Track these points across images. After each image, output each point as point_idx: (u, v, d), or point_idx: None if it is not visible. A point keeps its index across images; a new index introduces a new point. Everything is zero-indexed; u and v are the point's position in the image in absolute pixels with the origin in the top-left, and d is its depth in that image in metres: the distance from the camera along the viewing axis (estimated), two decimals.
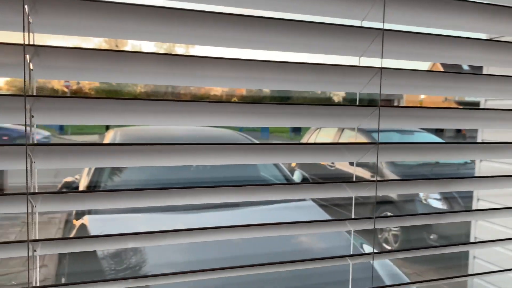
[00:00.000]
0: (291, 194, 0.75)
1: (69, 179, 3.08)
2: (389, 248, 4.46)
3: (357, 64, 0.73)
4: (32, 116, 0.60)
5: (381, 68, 0.73)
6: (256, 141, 3.42)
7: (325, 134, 6.30)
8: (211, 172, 2.91)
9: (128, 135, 3.19)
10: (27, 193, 0.57)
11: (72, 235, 2.25)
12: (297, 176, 3.91)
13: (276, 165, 3.26)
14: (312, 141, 6.34)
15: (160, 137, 3.19)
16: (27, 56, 0.57)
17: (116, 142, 3.04)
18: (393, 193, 0.79)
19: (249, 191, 0.73)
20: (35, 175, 0.63)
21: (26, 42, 0.57)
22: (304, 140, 6.63)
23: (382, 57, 0.72)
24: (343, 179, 5.23)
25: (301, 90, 0.75)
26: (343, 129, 5.82)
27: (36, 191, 0.61)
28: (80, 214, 2.34)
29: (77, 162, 0.64)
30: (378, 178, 0.75)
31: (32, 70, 0.59)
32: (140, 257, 1.86)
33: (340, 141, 5.69)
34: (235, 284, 1.60)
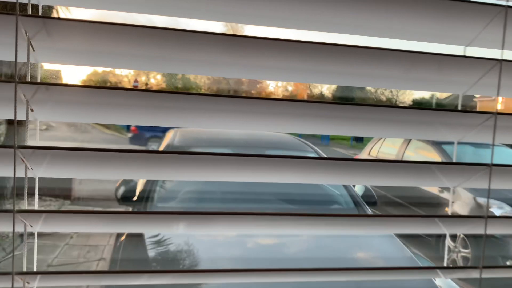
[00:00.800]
0: (366, 228, 0.57)
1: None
2: None
3: (463, 55, 0.53)
4: (32, 110, 0.46)
5: (501, 61, 0.52)
6: (316, 149, 3.21)
7: (390, 144, 5.83)
8: (272, 185, 2.74)
9: (187, 137, 3.10)
10: (13, 210, 0.43)
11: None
12: (358, 189, 3.63)
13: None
14: (376, 152, 5.92)
15: (217, 141, 3.06)
16: (22, 30, 0.43)
17: (175, 142, 2.95)
18: (504, 231, 0.57)
19: (319, 223, 0.56)
20: (35, 184, 0.49)
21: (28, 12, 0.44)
22: (366, 151, 6.19)
23: (503, 46, 0.52)
24: (429, 206, 4.37)
25: (381, 87, 0.56)
26: (409, 139, 5.34)
27: (36, 205, 0.48)
28: None
29: (86, 171, 0.50)
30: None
31: (34, 51, 0.46)
32: (192, 258, 1.79)
33: (407, 153, 5.19)
34: None
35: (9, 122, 3.83)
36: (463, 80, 0.54)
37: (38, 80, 0.48)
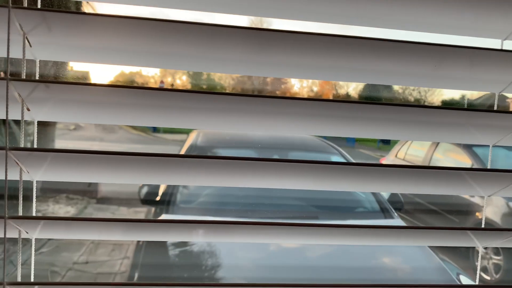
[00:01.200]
0: (392, 240, 0.52)
1: None
2: (488, 278, 3.86)
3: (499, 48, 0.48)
4: (28, 109, 0.44)
5: None
6: (341, 151, 3.13)
7: (418, 146, 5.65)
8: (299, 189, 2.67)
9: (209, 137, 3.07)
10: (5, 216, 0.41)
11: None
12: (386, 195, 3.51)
13: None
14: (403, 154, 5.75)
15: (239, 141, 3.03)
16: (16, 24, 0.40)
17: (198, 143, 2.93)
18: None
19: (342, 234, 0.51)
20: (33, 189, 0.47)
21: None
22: (393, 153, 6.01)
23: None
24: (463, 213, 4.04)
25: (406, 85, 0.51)
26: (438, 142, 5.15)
27: (34, 210, 0.45)
28: None
29: (90, 175, 0.47)
30: None
31: (31, 46, 0.43)
32: (214, 261, 1.76)
33: (435, 155, 4.99)
34: None
35: (17, 123, 3.88)
36: (499, 78, 0.49)
37: (37, 78, 0.46)
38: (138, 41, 0.47)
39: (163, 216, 2.17)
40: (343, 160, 2.69)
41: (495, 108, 0.50)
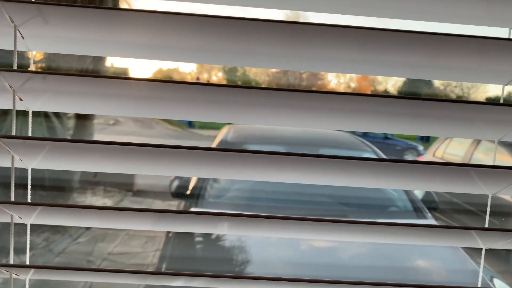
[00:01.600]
0: (387, 237, 0.50)
1: None
2: None
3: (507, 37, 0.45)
4: (21, 99, 0.45)
5: None
6: (374, 148, 3.06)
7: (457, 145, 5.42)
8: (330, 187, 2.64)
9: (240, 133, 3.08)
10: None
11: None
12: (418, 192, 3.41)
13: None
14: (441, 153, 5.54)
15: (270, 137, 3.02)
16: (6, 16, 0.42)
17: (228, 139, 2.95)
18: None
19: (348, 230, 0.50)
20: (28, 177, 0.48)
21: None
22: (431, 152, 5.79)
23: None
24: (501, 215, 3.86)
25: (412, 77, 0.49)
26: (479, 139, 4.92)
27: (29, 197, 0.47)
28: None
29: (82, 163, 0.48)
30: None
31: (23, 38, 0.45)
32: (244, 257, 1.78)
33: (476, 154, 4.77)
34: None
35: (58, 117, 4.03)
36: (505, 68, 0.46)
37: (31, 69, 0.47)
38: (155, 35, 0.47)
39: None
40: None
41: (501, 101, 0.47)
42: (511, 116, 0.46)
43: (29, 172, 0.48)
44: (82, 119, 4.43)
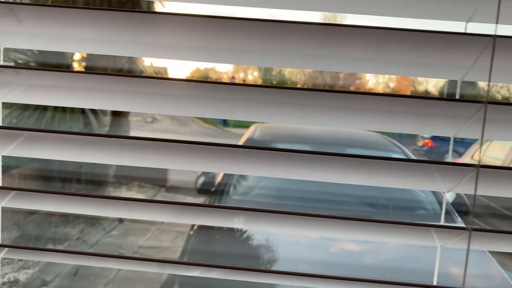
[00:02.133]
0: (342, 232, 0.50)
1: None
2: None
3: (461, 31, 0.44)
4: None
5: (494, 37, 0.42)
6: (403, 149, 2.98)
7: (498, 147, 5.15)
8: (356, 187, 2.60)
9: (267, 132, 3.08)
10: None
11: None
12: (449, 195, 3.28)
13: None
14: (480, 155, 5.29)
15: (296, 137, 3.00)
16: None
17: (255, 137, 2.96)
18: (489, 247, 0.46)
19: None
20: None
21: None
22: (469, 154, 5.52)
23: (497, 20, 0.41)
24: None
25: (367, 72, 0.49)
26: None
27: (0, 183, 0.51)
28: None
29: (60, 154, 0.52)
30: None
31: None
32: (270, 256, 1.79)
33: None
34: None
35: (95, 114, 4.16)
36: (459, 63, 0.45)
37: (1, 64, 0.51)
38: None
39: None
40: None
41: (457, 96, 0.47)
42: (465, 111, 0.45)
43: (0, 159, 0.52)
44: (118, 116, 4.59)
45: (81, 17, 0.50)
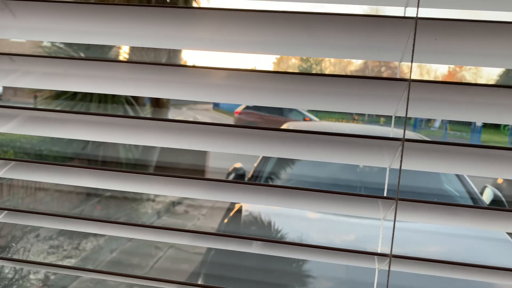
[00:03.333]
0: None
1: (238, 164, 3.21)
2: None
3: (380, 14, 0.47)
4: None
5: (416, 19, 0.44)
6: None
7: None
8: (382, 176, 2.57)
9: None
10: None
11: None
12: (488, 195, 3.17)
13: (459, 177, 2.70)
14: None
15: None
16: None
17: None
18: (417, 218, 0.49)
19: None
20: None
21: None
22: None
23: (418, 3, 0.44)
24: None
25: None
26: None
27: None
28: None
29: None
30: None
31: None
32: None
33: None
34: None
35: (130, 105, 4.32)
36: (385, 45, 0.48)
37: None
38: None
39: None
40: None
41: (398, 76, 0.49)
42: (400, 92, 0.48)
43: None
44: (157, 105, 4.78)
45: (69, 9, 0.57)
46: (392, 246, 0.48)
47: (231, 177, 3.09)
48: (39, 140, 4.18)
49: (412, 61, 0.45)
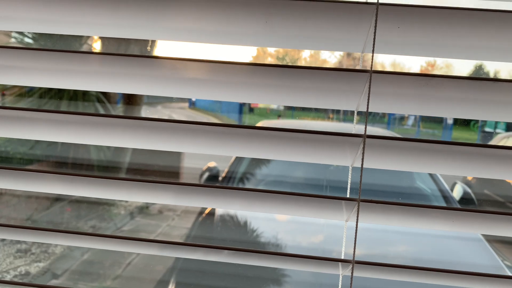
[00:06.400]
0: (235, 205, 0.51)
1: (212, 164, 3.17)
2: None
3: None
4: None
5: (377, 5, 0.41)
6: None
7: None
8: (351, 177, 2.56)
9: None
10: None
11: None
12: (457, 192, 3.21)
13: (431, 175, 2.73)
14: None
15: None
16: None
17: None
18: (379, 220, 0.46)
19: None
20: None
21: None
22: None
23: None
24: None
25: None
26: None
27: None
28: None
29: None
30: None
31: None
32: None
33: None
34: None
35: None
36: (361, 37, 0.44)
37: None
38: None
39: None
40: None
41: (359, 66, 0.46)
42: (361, 85, 0.44)
43: None
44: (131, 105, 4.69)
45: None
46: (354, 250, 0.45)
47: (204, 176, 3.06)
48: (5, 140, 4.03)
49: (373, 51, 0.41)
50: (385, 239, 1.76)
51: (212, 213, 2.15)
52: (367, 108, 0.42)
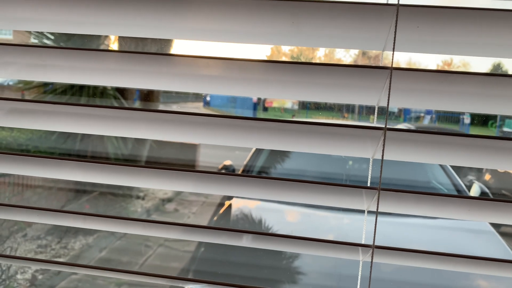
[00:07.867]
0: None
1: (228, 162, 3.19)
2: None
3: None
4: None
5: (397, 6, 0.43)
6: None
7: None
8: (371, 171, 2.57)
9: None
10: None
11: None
12: (475, 192, 3.19)
13: (445, 171, 2.70)
14: None
15: None
16: None
17: None
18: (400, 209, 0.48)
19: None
20: None
21: None
22: None
23: None
24: None
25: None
26: None
27: None
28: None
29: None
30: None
31: None
32: None
33: None
34: None
35: None
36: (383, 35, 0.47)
37: None
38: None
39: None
40: None
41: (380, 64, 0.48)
42: (382, 81, 0.47)
43: None
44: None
45: None
46: (374, 236, 0.47)
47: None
48: (26, 139, 4.14)
49: (393, 50, 0.44)
50: (398, 234, 1.77)
51: (229, 208, 2.19)
52: (388, 102, 0.45)
